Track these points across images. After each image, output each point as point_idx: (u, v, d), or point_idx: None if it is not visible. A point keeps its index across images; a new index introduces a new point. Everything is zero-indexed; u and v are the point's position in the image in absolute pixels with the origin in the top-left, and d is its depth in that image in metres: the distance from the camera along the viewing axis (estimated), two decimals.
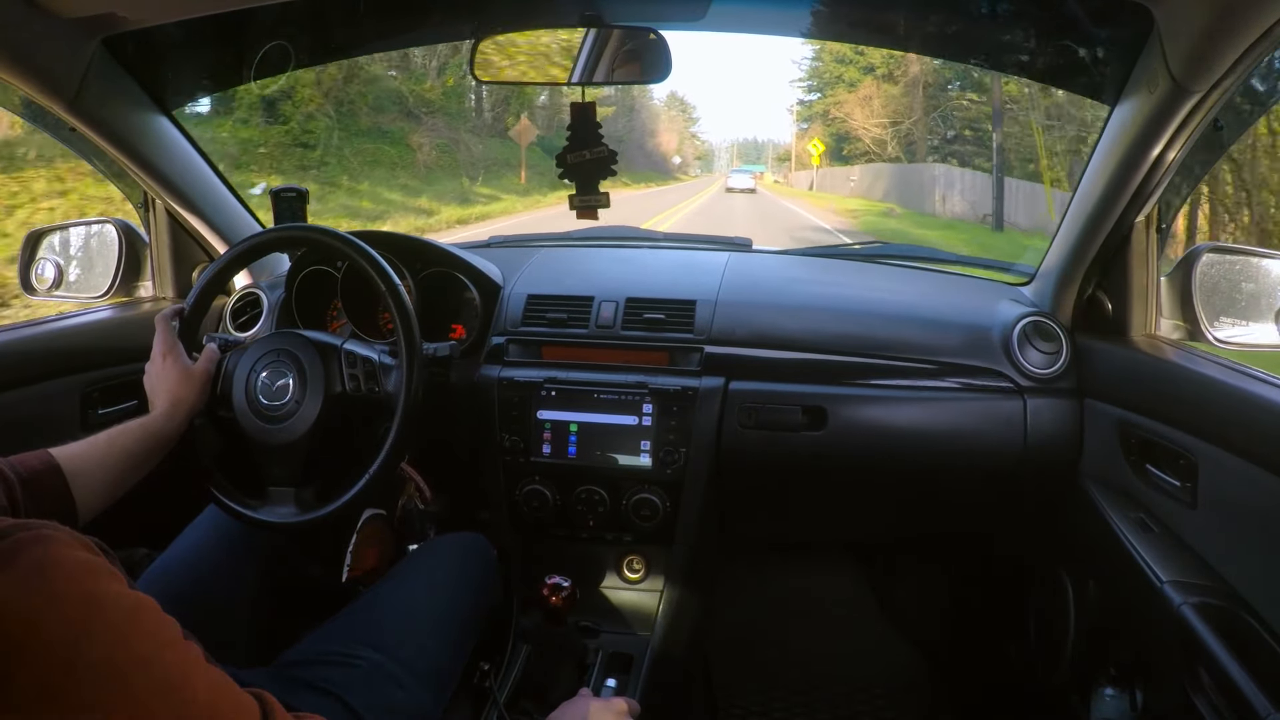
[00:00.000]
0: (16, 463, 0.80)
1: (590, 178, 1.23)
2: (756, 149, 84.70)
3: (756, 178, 33.46)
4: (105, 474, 0.87)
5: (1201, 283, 1.07)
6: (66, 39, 1.04)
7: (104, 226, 1.43)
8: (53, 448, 0.84)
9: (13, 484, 0.77)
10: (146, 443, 0.93)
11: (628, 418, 1.28)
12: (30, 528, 0.49)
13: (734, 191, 28.99)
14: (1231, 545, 0.91)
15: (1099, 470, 1.18)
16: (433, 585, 1.07)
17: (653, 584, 1.39)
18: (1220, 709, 0.84)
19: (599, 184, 1.24)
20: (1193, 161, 1.03)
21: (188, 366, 1.01)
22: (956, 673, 1.68)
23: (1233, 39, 0.82)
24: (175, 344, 1.02)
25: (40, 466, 0.82)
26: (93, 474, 0.86)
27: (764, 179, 40.84)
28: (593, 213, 1.25)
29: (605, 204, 1.24)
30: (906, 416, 1.27)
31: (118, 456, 0.89)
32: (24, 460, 0.81)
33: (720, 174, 49.72)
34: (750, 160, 66.56)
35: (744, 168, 39.76)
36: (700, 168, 64.69)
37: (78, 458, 0.85)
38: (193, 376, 1.00)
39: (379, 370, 1.06)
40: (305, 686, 0.86)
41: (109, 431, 0.91)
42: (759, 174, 35.04)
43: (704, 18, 1.24)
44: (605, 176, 1.24)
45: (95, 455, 0.87)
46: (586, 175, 1.23)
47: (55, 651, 0.44)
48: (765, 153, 72.69)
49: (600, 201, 1.24)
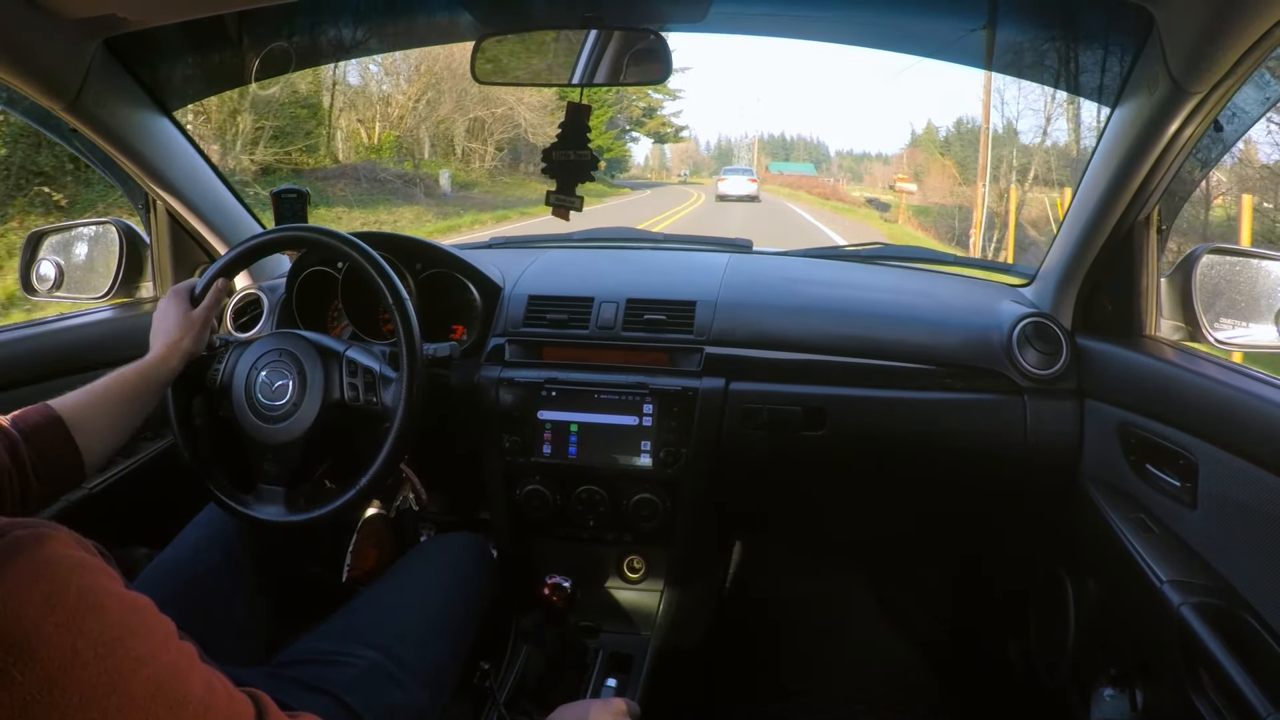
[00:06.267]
0: (16, 419, 0.81)
1: (570, 178, 1.24)
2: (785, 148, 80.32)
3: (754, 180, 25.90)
4: (107, 419, 0.89)
5: (1201, 284, 1.07)
6: (67, 40, 1.04)
7: (105, 227, 1.43)
8: (51, 399, 0.86)
9: (15, 440, 0.79)
10: (142, 385, 0.95)
11: (628, 418, 1.28)
12: (28, 526, 0.49)
13: (728, 199, 22.60)
14: (1231, 545, 0.91)
15: (1099, 470, 1.18)
16: (431, 585, 1.07)
17: (653, 584, 1.40)
18: (1220, 709, 0.84)
19: (576, 187, 1.25)
20: (1193, 162, 1.03)
21: (187, 311, 1.03)
22: (956, 673, 1.68)
23: (1233, 39, 0.82)
24: (181, 292, 1.05)
25: (41, 420, 0.83)
26: (95, 420, 0.88)
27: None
28: (564, 213, 1.27)
29: (578, 208, 1.26)
30: (906, 417, 1.27)
31: (115, 401, 0.91)
32: (24, 416, 0.82)
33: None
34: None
35: (737, 168, 34.25)
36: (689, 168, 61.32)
37: (78, 407, 0.87)
38: (191, 321, 1.03)
39: (379, 382, 1.06)
40: (303, 686, 0.86)
41: (105, 378, 0.93)
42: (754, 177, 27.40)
43: (704, 19, 1.24)
44: (584, 180, 1.25)
45: (94, 402, 0.89)
46: (567, 175, 1.24)
47: (51, 651, 0.44)
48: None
49: (574, 204, 1.26)
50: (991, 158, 13.46)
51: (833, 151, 63.32)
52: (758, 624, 1.80)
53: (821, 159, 58.71)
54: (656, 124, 39.38)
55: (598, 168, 1.24)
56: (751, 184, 24.44)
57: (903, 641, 1.77)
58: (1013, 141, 14.67)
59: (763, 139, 67.51)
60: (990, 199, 13.07)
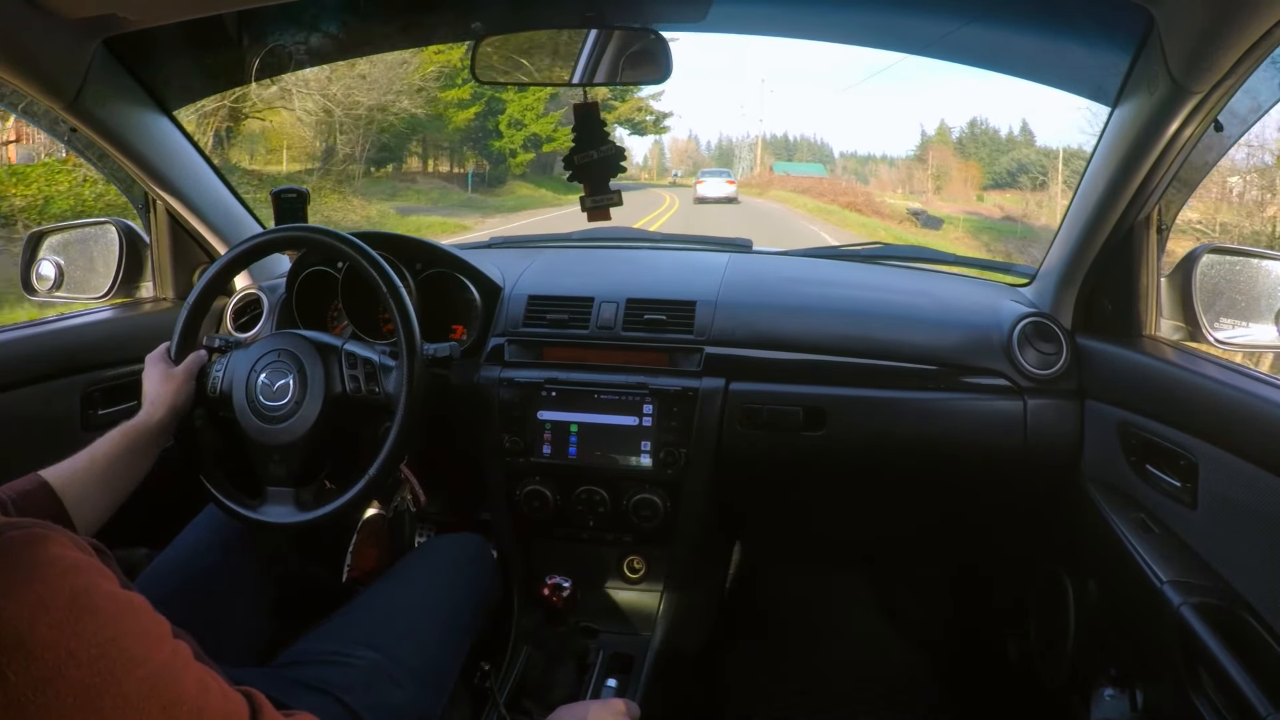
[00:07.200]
0: (6, 489, 0.82)
1: (600, 177, 1.22)
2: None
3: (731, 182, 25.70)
4: (97, 482, 0.89)
5: (1201, 284, 1.07)
6: (67, 39, 1.04)
7: (105, 227, 1.43)
8: (41, 470, 0.86)
9: (5, 505, 0.79)
10: (128, 444, 0.94)
11: (628, 418, 1.28)
12: (22, 526, 0.49)
13: (707, 201, 23.20)
14: (1231, 545, 0.91)
15: (1099, 471, 1.18)
16: (431, 585, 1.07)
17: (653, 584, 1.40)
18: (1220, 709, 0.84)
19: (609, 182, 1.23)
20: (1193, 162, 1.03)
21: (168, 368, 1.04)
22: (956, 673, 1.68)
23: (1233, 39, 0.82)
24: (156, 357, 1.06)
25: (29, 487, 0.84)
26: (84, 484, 0.88)
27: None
28: (605, 213, 1.24)
29: (618, 202, 1.24)
30: (906, 417, 1.27)
31: (104, 463, 0.91)
32: (13, 485, 0.83)
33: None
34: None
35: (714, 170, 32.40)
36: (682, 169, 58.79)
37: (65, 472, 0.87)
38: (173, 376, 1.03)
39: (379, 371, 1.06)
40: (303, 686, 0.86)
41: (94, 443, 0.93)
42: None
43: (704, 18, 1.24)
44: (616, 174, 1.23)
45: (82, 467, 0.89)
46: (597, 175, 1.22)
47: (45, 652, 0.44)
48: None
49: (613, 200, 1.23)
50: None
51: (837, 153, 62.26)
52: (758, 624, 1.80)
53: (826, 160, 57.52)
54: (629, 109, 30.42)
55: (624, 157, 1.23)
56: (729, 185, 25.13)
57: (903, 641, 1.77)
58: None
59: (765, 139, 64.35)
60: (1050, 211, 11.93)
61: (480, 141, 23.26)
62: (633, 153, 55.29)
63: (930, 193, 31.03)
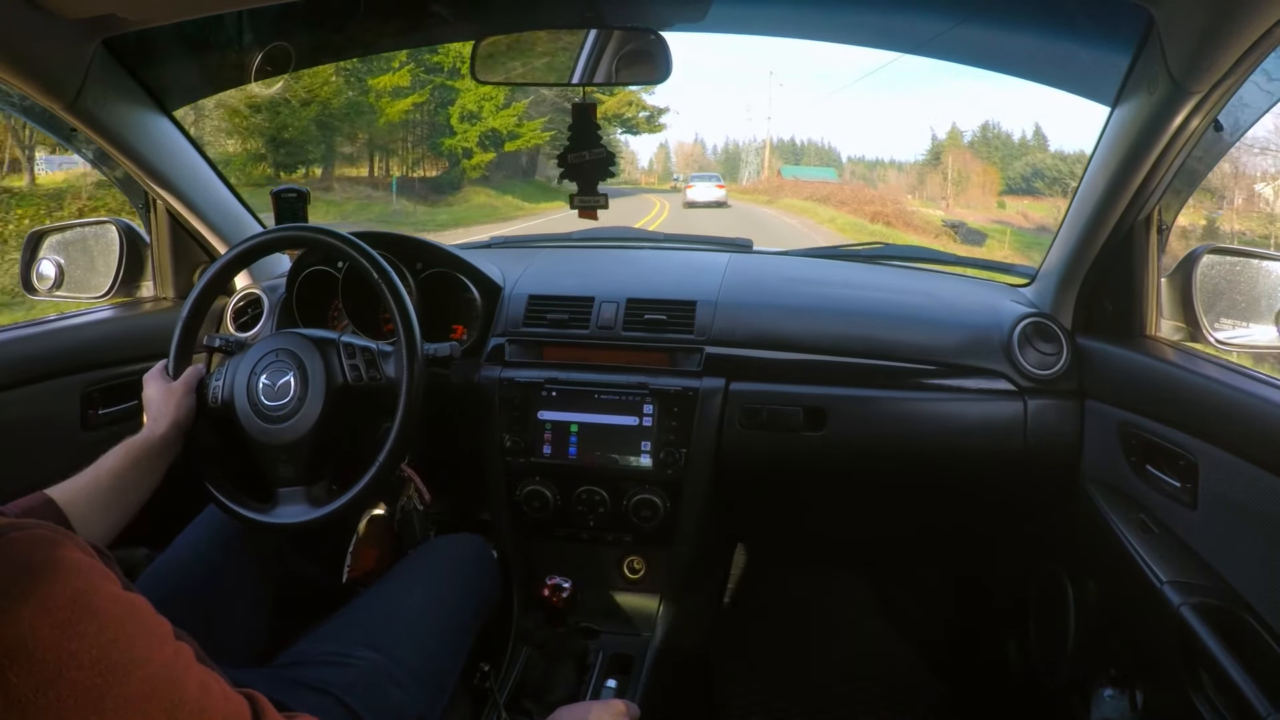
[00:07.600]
0: (11, 506, 0.81)
1: (590, 178, 1.24)
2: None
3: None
4: (103, 498, 0.89)
5: (1202, 284, 1.07)
6: (67, 39, 1.04)
7: (105, 227, 1.43)
8: (46, 487, 0.86)
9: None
10: (133, 459, 0.94)
11: (628, 418, 1.28)
12: (24, 528, 0.49)
13: (696, 206, 22.94)
14: (1231, 545, 0.91)
15: (1099, 471, 1.18)
16: (431, 586, 1.07)
17: (653, 585, 1.39)
18: (1220, 709, 0.84)
19: (597, 184, 1.25)
20: (1193, 162, 1.03)
21: (165, 383, 1.04)
22: (956, 673, 1.68)
23: (1233, 39, 0.82)
24: (155, 373, 1.06)
25: (34, 504, 0.84)
26: (90, 501, 0.88)
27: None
28: (592, 213, 1.26)
29: (604, 205, 1.25)
30: (907, 418, 1.27)
31: (109, 479, 0.91)
32: (18, 503, 0.83)
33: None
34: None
35: (704, 175, 31.57)
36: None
37: (70, 489, 0.87)
38: (172, 391, 1.03)
39: (378, 357, 1.06)
40: (304, 687, 0.86)
41: (97, 461, 0.93)
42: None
43: (705, 18, 1.25)
44: (604, 178, 1.25)
45: (86, 482, 0.89)
46: (587, 176, 1.23)
47: (47, 653, 0.44)
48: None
49: (599, 203, 1.25)
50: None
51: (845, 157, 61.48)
52: (758, 624, 1.80)
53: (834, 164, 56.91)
54: (617, 103, 27.02)
55: (614, 163, 1.25)
56: (719, 190, 25.01)
57: (903, 641, 1.77)
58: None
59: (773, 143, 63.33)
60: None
61: (431, 140, 19.44)
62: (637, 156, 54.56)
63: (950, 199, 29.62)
